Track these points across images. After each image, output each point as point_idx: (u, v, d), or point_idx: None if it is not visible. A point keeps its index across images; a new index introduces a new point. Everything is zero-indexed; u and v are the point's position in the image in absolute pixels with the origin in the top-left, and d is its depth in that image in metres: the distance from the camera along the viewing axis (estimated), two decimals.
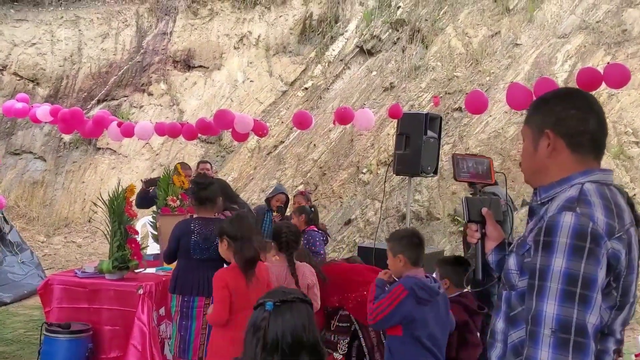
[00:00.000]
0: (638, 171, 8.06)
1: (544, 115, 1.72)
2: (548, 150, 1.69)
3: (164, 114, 11.64)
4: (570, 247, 1.49)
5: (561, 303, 1.48)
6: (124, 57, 12.37)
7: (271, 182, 10.31)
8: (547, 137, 1.69)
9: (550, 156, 1.69)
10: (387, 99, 10.33)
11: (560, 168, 1.68)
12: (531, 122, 1.75)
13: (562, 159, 1.68)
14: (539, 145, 1.71)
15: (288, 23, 12.11)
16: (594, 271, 1.49)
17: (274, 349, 1.81)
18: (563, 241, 1.50)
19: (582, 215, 1.52)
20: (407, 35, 11.11)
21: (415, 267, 3.15)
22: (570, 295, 1.48)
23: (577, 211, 1.53)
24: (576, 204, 1.56)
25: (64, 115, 6.62)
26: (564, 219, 1.52)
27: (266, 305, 1.86)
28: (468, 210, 1.94)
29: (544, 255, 1.53)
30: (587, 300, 1.48)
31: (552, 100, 1.75)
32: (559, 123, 1.68)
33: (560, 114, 1.69)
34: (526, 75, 9.43)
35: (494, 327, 1.78)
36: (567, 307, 1.48)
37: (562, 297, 1.48)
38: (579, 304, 1.47)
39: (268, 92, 11.63)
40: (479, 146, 9.06)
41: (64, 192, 11.49)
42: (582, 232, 1.50)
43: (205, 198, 4.27)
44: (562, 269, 1.49)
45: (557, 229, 1.52)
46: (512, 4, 10.70)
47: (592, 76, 5.22)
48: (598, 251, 1.50)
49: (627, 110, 8.56)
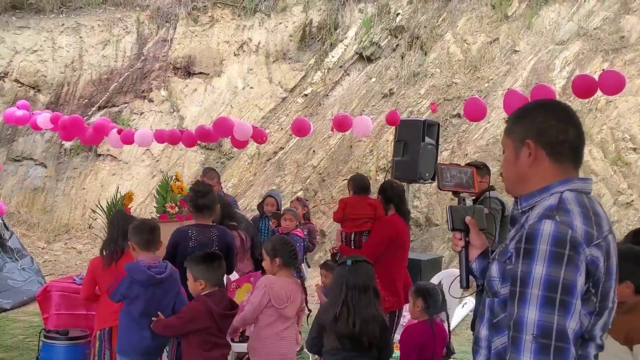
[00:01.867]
0: (636, 177, 8.08)
1: (525, 126, 1.75)
2: (529, 160, 1.73)
3: (164, 120, 11.70)
4: (550, 254, 1.53)
5: (542, 309, 1.51)
6: (124, 63, 12.44)
7: (271, 189, 10.35)
8: (528, 147, 1.72)
9: (532, 165, 1.73)
10: (386, 106, 10.38)
11: (541, 177, 1.72)
12: (512, 133, 1.79)
13: (542, 168, 1.72)
14: (520, 155, 1.75)
15: (288, 30, 12.18)
16: (574, 277, 1.52)
17: (353, 288, 3.10)
18: (543, 248, 1.54)
19: (562, 223, 1.56)
20: (406, 42, 11.17)
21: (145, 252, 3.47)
22: (550, 302, 1.51)
23: (557, 219, 1.56)
24: (555, 212, 1.59)
25: (64, 123, 6.66)
26: (544, 227, 1.56)
27: (347, 262, 3.22)
28: (452, 219, 1.97)
29: (525, 262, 1.56)
30: (567, 306, 1.51)
31: (532, 112, 1.79)
32: (540, 133, 1.72)
33: (541, 124, 1.73)
34: (524, 81, 9.47)
35: (478, 333, 1.81)
36: (547, 313, 1.51)
37: (543, 303, 1.51)
38: (559, 309, 1.51)
39: (268, 98, 11.69)
40: (477, 152, 9.09)
41: (65, 198, 11.53)
42: (561, 240, 1.53)
43: (203, 205, 4.29)
44: (543, 276, 1.52)
45: (538, 237, 1.55)
46: (510, 11, 10.76)
47: (588, 83, 5.25)
48: (577, 258, 1.53)
49: (624, 116, 8.59)
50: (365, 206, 4.48)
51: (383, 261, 4.23)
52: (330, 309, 3.15)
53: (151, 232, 3.56)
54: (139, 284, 3.41)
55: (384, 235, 4.33)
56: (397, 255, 4.42)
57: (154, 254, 3.55)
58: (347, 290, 3.11)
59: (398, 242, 4.40)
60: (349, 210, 4.50)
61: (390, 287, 4.21)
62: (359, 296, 3.11)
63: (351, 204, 4.55)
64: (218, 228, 4.38)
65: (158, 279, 3.44)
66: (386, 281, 4.17)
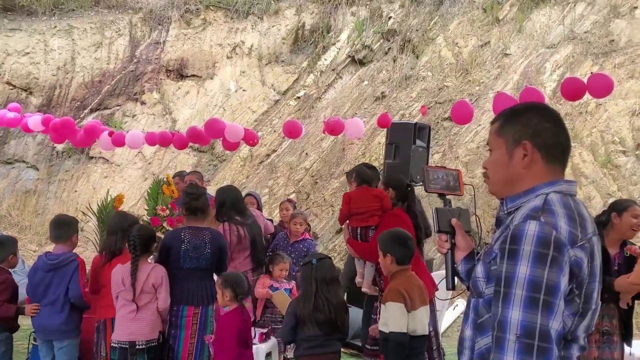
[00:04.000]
0: (625, 180, 8.14)
1: (520, 126, 1.75)
2: (525, 161, 1.73)
3: (156, 123, 11.69)
4: (534, 254, 1.54)
5: (525, 309, 1.52)
6: (117, 66, 12.42)
7: (263, 191, 10.35)
8: (524, 148, 1.72)
9: (527, 167, 1.73)
10: (378, 109, 10.41)
11: (532, 179, 1.73)
12: (505, 133, 1.78)
13: (536, 169, 1.73)
14: (514, 156, 1.74)
15: (280, 33, 12.20)
16: (557, 278, 1.53)
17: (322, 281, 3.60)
18: (527, 249, 1.55)
19: (546, 224, 1.57)
20: (398, 45, 11.21)
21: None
22: (534, 302, 1.52)
23: (541, 220, 1.58)
24: (540, 213, 1.61)
25: (56, 125, 6.66)
26: (528, 228, 1.57)
27: (312, 261, 3.68)
28: (438, 221, 1.98)
29: (509, 262, 1.57)
30: (550, 307, 1.52)
31: (526, 113, 1.79)
32: (536, 135, 1.73)
33: (537, 126, 1.74)
34: (515, 84, 9.52)
35: (462, 334, 1.83)
36: (531, 313, 1.52)
37: (526, 304, 1.52)
38: (542, 310, 1.52)
39: (260, 101, 11.70)
40: (469, 155, 9.14)
41: (57, 201, 11.50)
42: (545, 240, 1.55)
43: (196, 208, 4.32)
44: (527, 276, 1.53)
45: (522, 237, 1.57)
46: (501, 15, 10.82)
47: (576, 86, 5.30)
48: (561, 259, 1.54)
49: (614, 119, 8.65)
50: (371, 198, 4.28)
51: None
52: (306, 302, 3.60)
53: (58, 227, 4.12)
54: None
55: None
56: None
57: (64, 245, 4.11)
58: (317, 284, 3.61)
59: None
60: (353, 204, 4.32)
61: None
62: (327, 287, 3.62)
63: (355, 197, 4.36)
64: (210, 230, 4.39)
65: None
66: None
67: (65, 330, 4.02)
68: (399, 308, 3.27)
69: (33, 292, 4.08)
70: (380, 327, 3.45)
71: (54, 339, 4.05)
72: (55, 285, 4.01)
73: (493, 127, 1.84)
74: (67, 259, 4.07)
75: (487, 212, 8.20)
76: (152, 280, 3.94)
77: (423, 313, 3.43)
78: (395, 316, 3.27)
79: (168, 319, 4.09)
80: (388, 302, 3.32)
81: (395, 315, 3.27)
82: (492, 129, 1.84)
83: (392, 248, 3.45)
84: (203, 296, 4.15)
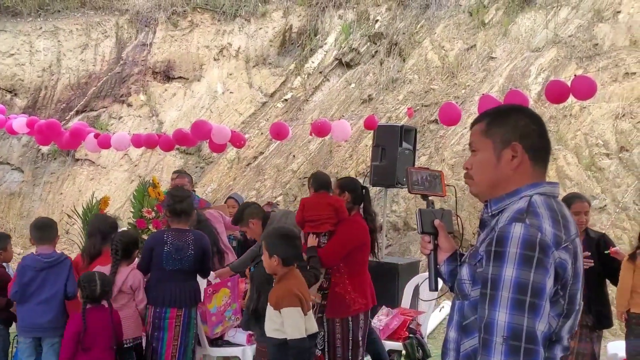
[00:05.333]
0: (609, 182, 8.23)
1: (509, 128, 1.75)
2: (514, 163, 1.73)
3: (143, 125, 11.64)
4: (520, 256, 1.54)
5: (512, 311, 1.53)
6: (103, 68, 12.36)
7: (250, 193, 10.34)
8: (514, 149, 1.72)
9: (515, 169, 1.73)
10: (365, 111, 10.44)
11: (520, 180, 1.73)
12: (492, 134, 1.76)
13: (523, 171, 1.73)
14: (502, 158, 1.74)
15: (268, 35, 12.21)
16: (543, 280, 1.54)
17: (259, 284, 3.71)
18: (513, 251, 1.55)
19: (531, 226, 1.58)
20: (385, 48, 11.26)
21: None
22: (520, 304, 1.53)
23: (527, 222, 1.58)
24: (525, 215, 1.61)
25: (41, 127, 6.63)
26: (514, 230, 1.57)
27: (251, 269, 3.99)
28: (421, 222, 1.97)
29: (495, 265, 1.57)
30: (537, 308, 1.53)
31: (513, 114, 1.79)
32: (525, 137, 1.74)
33: (525, 128, 1.75)
34: (501, 87, 9.60)
35: (447, 336, 1.83)
36: (517, 315, 1.52)
37: (513, 306, 1.53)
38: (528, 312, 1.52)
39: (248, 103, 11.70)
40: (454, 157, 9.19)
41: (42, 203, 11.41)
42: (531, 243, 1.55)
43: (181, 210, 4.31)
44: (513, 278, 1.54)
45: (508, 240, 1.57)
46: (487, 18, 10.91)
47: (561, 88, 5.37)
48: (546, 261, 1.55)
49: (598, 122, 8.75)
50: (325, 206, 4.17)
51: (353, 263, 4.11)
52: (250, 303, 3.78)
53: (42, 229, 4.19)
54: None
55: (352, 236, 4.13)
56: (365, 257, 4.27)
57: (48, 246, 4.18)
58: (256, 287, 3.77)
59: (367, 243, 4.25)
60: (307, 211, 4.23)
61: (360, 289, 4.11)
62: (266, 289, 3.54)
63: (309, 204, 4.26)
64: (194, 232, 4.39)
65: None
66: (356, 283, 4.09)
67: (57, 327, 4.03)
68: (297, 312, 3.12)
69: (22, 291, 4.06)
70: (270, 334, 3.25)
71: (46, 336, 4.06)
72: (51, 283, 4.06)
73: (477, 127, 1.82)
74: (60, 257, 4.16)
75: (473, 214, 8.26)
76: (130, 282, 4.04)
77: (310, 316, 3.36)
78: (295, 321, 3.10)
79: (151, 321, 4.08)
80: (285, 308, 3.13)
81: (294, 320, 3.10)
82: (476, 129, 1.82)
83: (279, 248, 3.22)
84: (186, 298, 4.15)
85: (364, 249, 4.21)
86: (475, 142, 1.82)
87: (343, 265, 4.07)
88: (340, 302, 4.02)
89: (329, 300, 4.08)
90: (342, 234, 4.09)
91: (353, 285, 4.05)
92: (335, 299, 4.05)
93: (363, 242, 4.19)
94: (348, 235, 4.10)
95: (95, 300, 3.69)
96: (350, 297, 4.02)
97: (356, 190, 4.27)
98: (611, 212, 7.91)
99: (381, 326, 5.06)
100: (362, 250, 4.20)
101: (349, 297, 4.01)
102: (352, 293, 4.02)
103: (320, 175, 4.57)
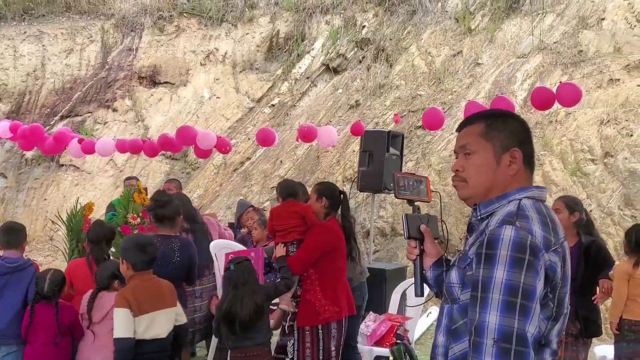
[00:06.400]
0: (594, 187, 8.28)
1: (508, 133, 1.77)
2: (512, 168, 1.74)
3: (128, 130, 11.55)
4: (511, 259, 1.55)
5: (503, 314, 1.53)
6: (88, 72, 12.26)
7: (237, 199, 10.28)
8: (512, 155, 1.74)
9: (514, 173, 1.75)
10: (352, 117, 10.44)
11: (513, 184, 1.75)
12: (492, 138, 1.76)
13: (519, 176, 1.76)
14: (501, 162, 1.75)
15: (255, 40, 12.19)
16: (533, 282, 1.54)
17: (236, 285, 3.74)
18: (504, 254, 1.55)
19: (522, 229, 1.58)
20: (372, 54, 11.29)
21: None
22: (511, 306, 1.53)
23: (517, 225, 1.59)
24: (515, 218, 1.62)
25: (24, 132, 6.54)
26: (504, 232, 1.58)
27: (230, 267, 3.81)
28: (408, 227, 1.96)
29: (486, 267, 1.58)
30: (527, 311, 1.53)
31: (509, 120, 1.82)
32: (522, 143, 1.77)
33: (521, 135, 1.78)
34: (487, 93, 9.65)
35: (435, 341, 1.82)
36: (508, 317, 1.52)
37: (504, 308, 1.53)
38: (519, 314, 1.52)
39: (235, 108, 11.66)
40: (441, 163, 9.21)
41: (25, 209, 11.27)
42: (521, 245, 1.56)
43: (162, 216, 4.25)
44: (504, 281, 1.54)
45: (498, 242, 1.57)
46: (473, 25, 10.98)
47: (546, 95, 5.39)
48: (537, 263, 1.55)
49: (583, 128, 8.81)
50: (291, 215, 4.13)
51: (324, 270, 4.00)
52: (224, 304, 3.74)
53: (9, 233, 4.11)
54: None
55: (320, 242, 4.03)
56: (338, 263, 4.12)
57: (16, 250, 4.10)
58: (233, 288, 3.75)
59: (340, 249, 4.13)
60: (274, 221, 4.20)
61: (332, 296, 3.98)
62: (242, 290, 3.72)
63: (276, 214, 4.23)
64: (180, 239, 4.33)
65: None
66: (328, 290, 3.98)
67: (9, 335, 3.89)
68: (122, 313, 3.37)
69: None
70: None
71: (2, 344, 3.92)
72: (11, 289, 3.96)
73: (473, 129, 1.80)
74: (25, 263, 4.06)
75: (460, 220, 8.28)
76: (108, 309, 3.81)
77: (156, 317, 3.46)
78: (120, 322, 3.37)
79: None
80: (115, 308, 3.43)
81: (119, 320, 3.37)
82: (471, 132, 1.81)
83: (128, 253, 3.50)
84: None
85: (335, 254, 4.07)
86: (472, 143, 1.80)
87: (314, 272, 3.98)
88: (310, 309, 3.94)
89: (299, 307, 4.00)
90: (309, 241, 4.03)
91: (324, 293, 3.95)
92: (305, 307, 3.97)
93: (333, 247, 4.05)
94: (315, 241, 4.02)
95: (44, 297, 3.76)
96: (321, 305, 3.92)
97: (333, 195, 4.21)
98: (596, 217, 7.95)
99: (369, 332, 5.03)
100: (334, 256, 4.06)
101: (320, 304, 3.92)
102: (322, 300, 3.92)
103: (286, 183, 4.55)
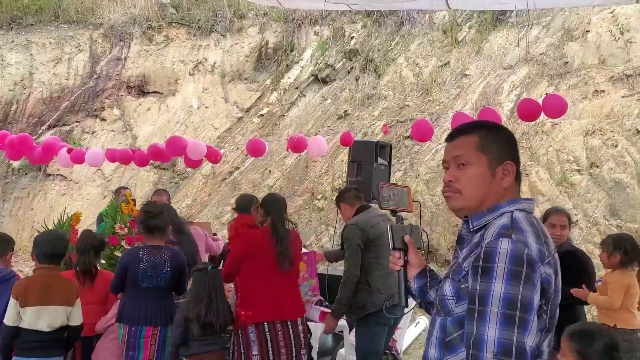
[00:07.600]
0: (580, 197, 8.37)
1: (503, 146, 1.79)
2: (506, 180, 1.76)
3: (116, 139, 11.51)
4: (509, 272, 1.55)
5: (502, 327, 1.53)
6: (76, 82, 12.22)
7: (226, 209, 10.27)
8: (506, 167, 1.76)
9: (508, 185, 1.77)
10: (341, 127, 10.49)
11: (504, 196, 1.76)
12: (487, 150, 1.77)
13: (511, 188, 1.78)
14: (496, 174, 1.76)
15: (244, 50, 12.23)
16: (531, 295, 1.55)
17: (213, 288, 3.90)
18: (501, 267, 1.56)
19: (518, 242, 1.59)
20: (361, 65, 11.37)
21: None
22: (510, 319, 1.53)
23: (513, 238, 1.60)
24: (511, 231, 1.63)
25: (12, 141, 6.51)
26: (501, 245, 1.59)
27: (208, 268, 4.02)
28: (392, 238, 1.96)
29: (484, 280, 1.58)
30: (526, 324, 1.54)
31: (502, 132, 1.84)
32: (514, 155, 1.80)
33: (513, 147, 1.81)
34: (474, 104, 9.74)
35: (426, 353, 1.80)
36: (507, 330, 1.53)
37: (503, 321, 1.53)
38: (518, 327, 1.53)
39: (223, 118, 11.66)
40: (429, 173, 9.27)
41: (12, 219, 11.18)
42: (518, 258, 1.57)
43: (154, 227, 4.25)
44: (502, 294, 1.54)
45: (495, 255, 1.58)
46: (461, 36, 11.09)
47: (532, 106, 5.47)
48: (533, 276, 1.56)
49: (569, 139, 8.92)
50: (232, 228, 4.56)
51: (244, 276, 4.08)
52: (197, 304, 3.88)
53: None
54: None
55: (236, 252, 4.21)
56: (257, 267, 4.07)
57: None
58: (210, 289, 3.91)
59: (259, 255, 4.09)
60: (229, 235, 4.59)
61: (248, 301, 4.04)
62: (217, 293, 3.92)
63: (229, 228, 4.62)
64: (170, 249, 4.33)
65: None
66: (245, 295, 4.07)
67: None
68: (11, 303, 3.66)
69: None
70: None
71: None
72: None
73: (468, 139, 1.80)
74: (8, 274, 4.07)
75: (448, 230, 8.32)
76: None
77: (42, 312, 3.68)
78: (8, 310, 3.67)
79: (126, 340, 4.01)
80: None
81: (8, 309, 3.67)
82: (467, 142, 1.80)
83: (36, 245, 3.86)
84: (162, 316, 4.07)
85: (253, 259, 4.06)
86: (466, 155, 1.78)
87: (238, 280, 4.15)
88: (235, 316, 4.10)
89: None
90: (231, 252, 4.37)
91: (242, 298, 4.07)
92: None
93: (250, 253, 4.07)
94: (234, 250, 4.31)
95: None
96: (238, 310, 4.05)
97: (266, 203, 4.32)
98: (582, 227, 8.04)
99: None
100: (252, 262, 4.06)
101: (237, 309, 4.06)
102: (240, 305, 4.05)
103: (239, 198, 4.86)
